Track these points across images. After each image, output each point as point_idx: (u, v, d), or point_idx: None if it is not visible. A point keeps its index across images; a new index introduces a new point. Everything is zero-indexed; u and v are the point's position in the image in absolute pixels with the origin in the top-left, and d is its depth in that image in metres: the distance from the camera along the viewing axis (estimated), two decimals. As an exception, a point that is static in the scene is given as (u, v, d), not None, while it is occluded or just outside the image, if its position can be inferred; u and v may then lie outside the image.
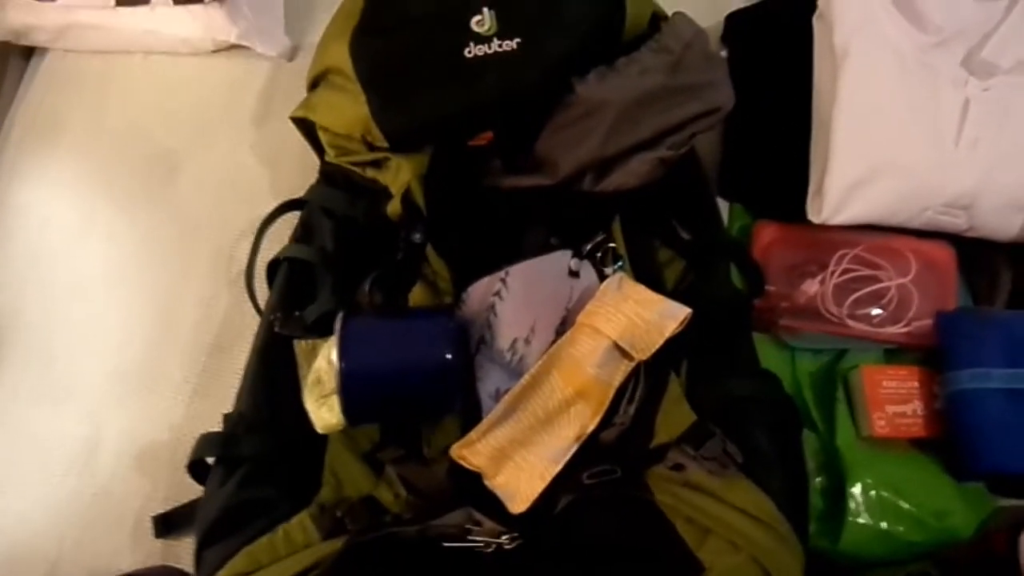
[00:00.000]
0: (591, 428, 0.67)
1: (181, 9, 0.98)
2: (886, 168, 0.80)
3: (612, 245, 0.78)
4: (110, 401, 0.88)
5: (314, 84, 0.85)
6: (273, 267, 0.80)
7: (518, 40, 0.75)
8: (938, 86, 0.80)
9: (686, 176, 0.80)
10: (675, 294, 0.74)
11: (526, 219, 0.78)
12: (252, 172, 0.98)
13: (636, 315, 0.69)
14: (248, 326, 0.84)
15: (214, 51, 1.04)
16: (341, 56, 0.78)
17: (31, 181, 1.00)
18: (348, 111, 0.78)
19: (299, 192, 0.88)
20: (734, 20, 0.99)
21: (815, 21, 0.87)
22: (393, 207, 0.76)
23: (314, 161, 0.88)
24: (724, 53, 0.98)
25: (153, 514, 0.79)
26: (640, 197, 0.78)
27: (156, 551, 0.80)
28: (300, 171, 0.92)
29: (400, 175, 0.76)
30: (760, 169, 0.91)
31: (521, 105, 0.77)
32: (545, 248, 0.77)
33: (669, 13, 0.82)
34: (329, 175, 0.83)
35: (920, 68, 0.81)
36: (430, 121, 0.77)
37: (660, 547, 0.59)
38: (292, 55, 1.05)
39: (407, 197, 0.75)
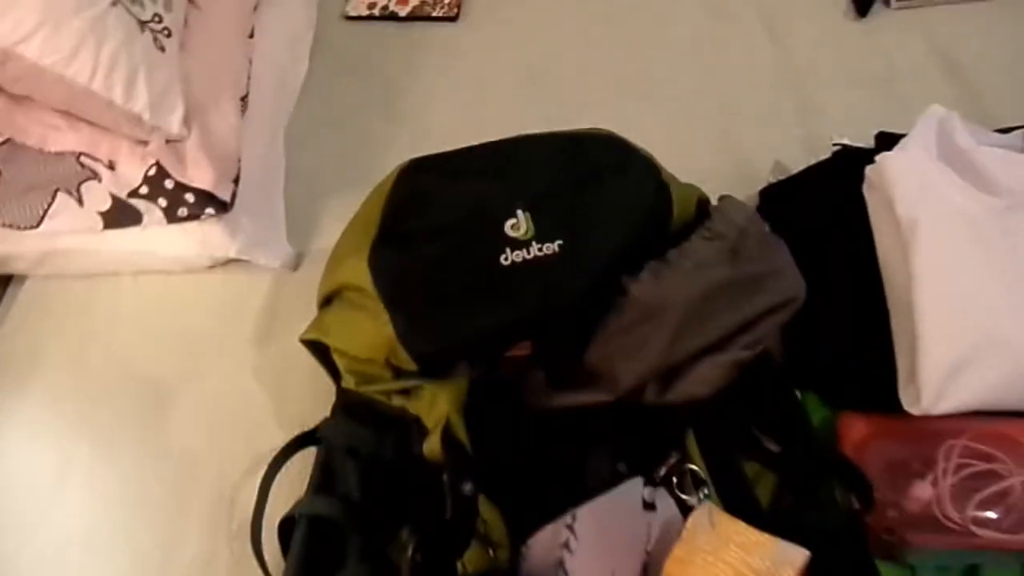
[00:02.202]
0: None
1: (175, 227, 0.90)
2: (985, 346, 0.70)
3: (691, 467, 0.66)
4: None
5: (327, 301, 0.75)
6: (287, 525, 0.67)
7: (559, 242, 0.67)
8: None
9: (761, 375, 0.69)
10: (776, 522, 0.61)
11: (586, 443, 0.66)
12: (255, 401, 0.86)
13: (743, 564, 0.56)
14: (255, 594, 0.70)
15: (210, 267, 0.96)
16: (359, 271, 0.69)
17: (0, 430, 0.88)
18: (369, 332, 0.68)
19: (310, 422, 0.77)
20: (769, 194, 0.93)
21: (866, 191, 0.81)
22: (432, 447, 0.64)
23: (327, 384, 0.77)
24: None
25: None
26: (713, 406, 0.67)
27: None
28: (311, 397, 0.82)
29: (436, 407, 0.65)
30: (830, 353, 0.81)
31: (568, 313, 0.67)
32: (612, 478, 0.65)
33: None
34: (348, 405, 0.72)
35: (1000, 235, 0.73)
36: (466, 340, 0.67)
37: None
38: (296, 264, 0.97)
39: (448, 433, 0.64)
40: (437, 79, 1.15)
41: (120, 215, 0.88)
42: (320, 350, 0.74)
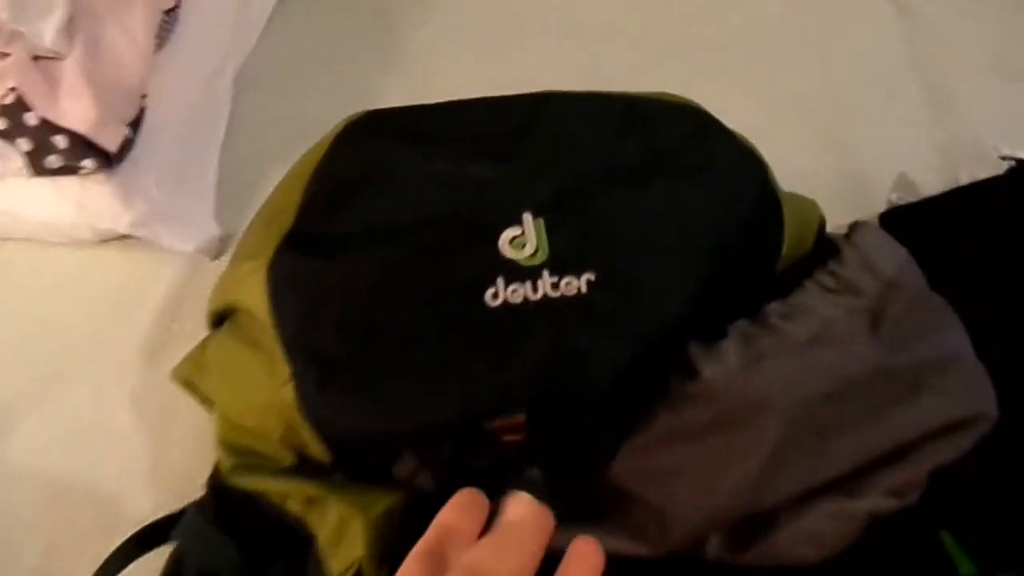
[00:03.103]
0: None
1: (44, 183, 0.63)
2: None
3: None
4: None
5: (218, 320, 0.48)
6: None
7: (589, 276, 0.39)
8: None
9: (906, 535, 0.41)
10: None
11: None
12: (124, 440, 0.60)
13: None
14: None
15: (101, 241, 0.69)
16: (253, 287, 0.42)
17: None
18: (260, 388, 0.41)
19: (194, 484, 0.50)
20: (891, 221, 0.66)
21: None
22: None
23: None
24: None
25: None
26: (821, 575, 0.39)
27: None
28: (203, 446, 0.55)
29: (346, 542, 0.37)
30: (977, 477, 0.53)
31: (591, 397, 0.39)
32: None
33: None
34: (224, 496, 0.45)
35: None
36: (410, 425, 0.39)
37: None
38: (219, 251, 0.70)
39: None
40: (452, 18, 0.87)
41: (-34, 157, 0.62)
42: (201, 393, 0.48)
